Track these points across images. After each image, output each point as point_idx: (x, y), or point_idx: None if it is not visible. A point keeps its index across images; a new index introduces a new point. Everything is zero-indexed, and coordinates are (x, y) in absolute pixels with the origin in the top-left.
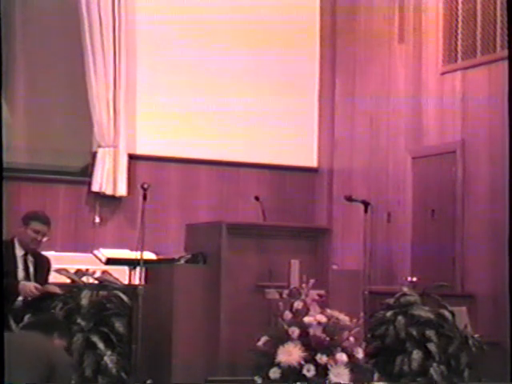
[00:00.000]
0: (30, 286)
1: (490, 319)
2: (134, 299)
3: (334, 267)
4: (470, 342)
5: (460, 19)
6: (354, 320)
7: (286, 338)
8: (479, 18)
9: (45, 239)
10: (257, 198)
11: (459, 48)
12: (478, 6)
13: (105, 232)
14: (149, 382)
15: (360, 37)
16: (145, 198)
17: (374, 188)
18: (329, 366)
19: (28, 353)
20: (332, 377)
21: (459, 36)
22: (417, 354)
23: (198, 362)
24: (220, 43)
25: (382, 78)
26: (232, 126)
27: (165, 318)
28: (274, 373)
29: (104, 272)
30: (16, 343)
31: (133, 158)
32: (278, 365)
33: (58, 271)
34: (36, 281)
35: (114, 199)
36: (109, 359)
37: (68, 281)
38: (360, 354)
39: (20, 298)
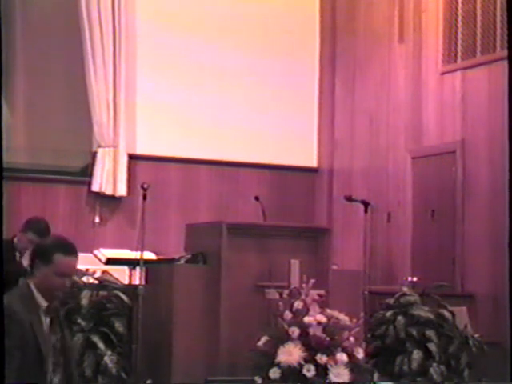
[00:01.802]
0: None
1: (489, 319)
2: (134, 299)
3: (334, 267)
4: (470, 342)
5: (460, 19)
6: (354, 320)
7: (285, 338)
8: (479, 18)
9: None
10: (257, 198)
11: (459, 48)
12: (478, 6)
13: (105, 232)
14: (149, 382)
15: (360, 37)
16: (145, 198)
17: (374, 188)
18: (329, 366)
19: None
20: (332, 377)
21: (459, 36)
22: (417, 354)
23: (198, 362)
24: (219, 43)
25: (381, 78)
26: (232, 125)
27: (165, 318)
28: (274, 373)
29: (104, 272)
30: None
31: (133, 158)
32: (278, 365)
33: None
34: None
35: (114, 199)
36: (109, 359)
37: None
38: (360, 353)
39: None
